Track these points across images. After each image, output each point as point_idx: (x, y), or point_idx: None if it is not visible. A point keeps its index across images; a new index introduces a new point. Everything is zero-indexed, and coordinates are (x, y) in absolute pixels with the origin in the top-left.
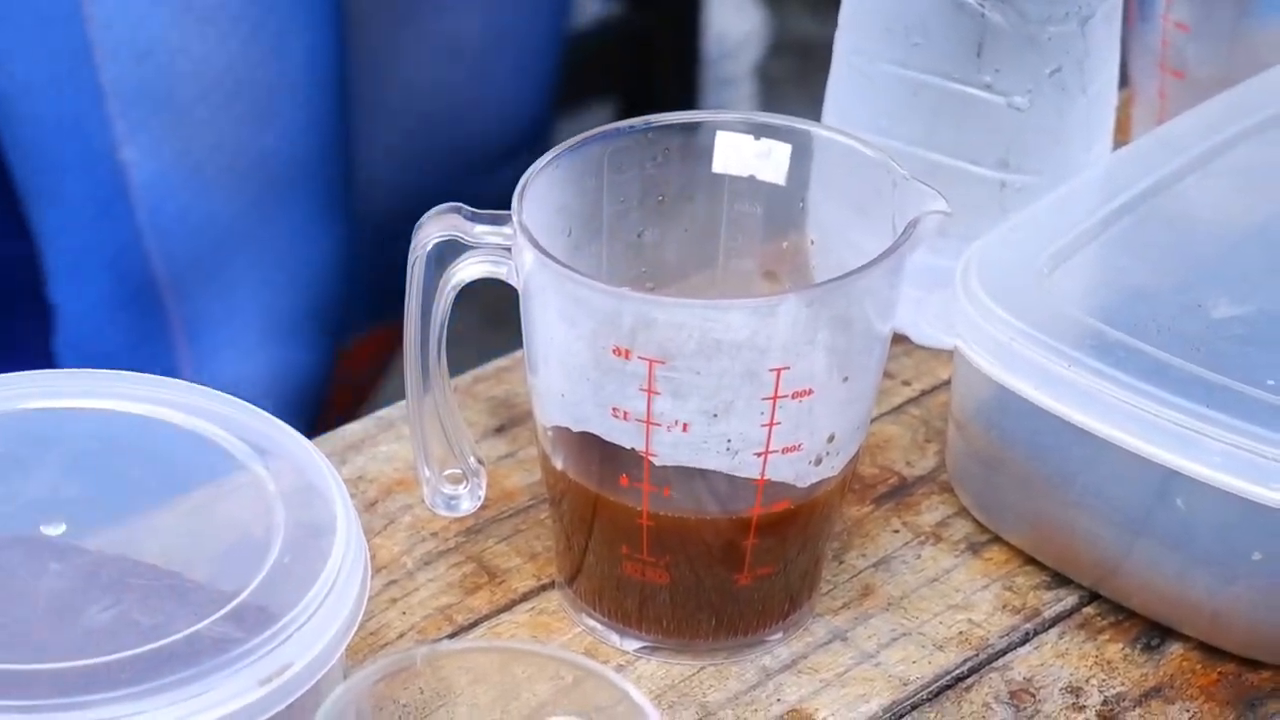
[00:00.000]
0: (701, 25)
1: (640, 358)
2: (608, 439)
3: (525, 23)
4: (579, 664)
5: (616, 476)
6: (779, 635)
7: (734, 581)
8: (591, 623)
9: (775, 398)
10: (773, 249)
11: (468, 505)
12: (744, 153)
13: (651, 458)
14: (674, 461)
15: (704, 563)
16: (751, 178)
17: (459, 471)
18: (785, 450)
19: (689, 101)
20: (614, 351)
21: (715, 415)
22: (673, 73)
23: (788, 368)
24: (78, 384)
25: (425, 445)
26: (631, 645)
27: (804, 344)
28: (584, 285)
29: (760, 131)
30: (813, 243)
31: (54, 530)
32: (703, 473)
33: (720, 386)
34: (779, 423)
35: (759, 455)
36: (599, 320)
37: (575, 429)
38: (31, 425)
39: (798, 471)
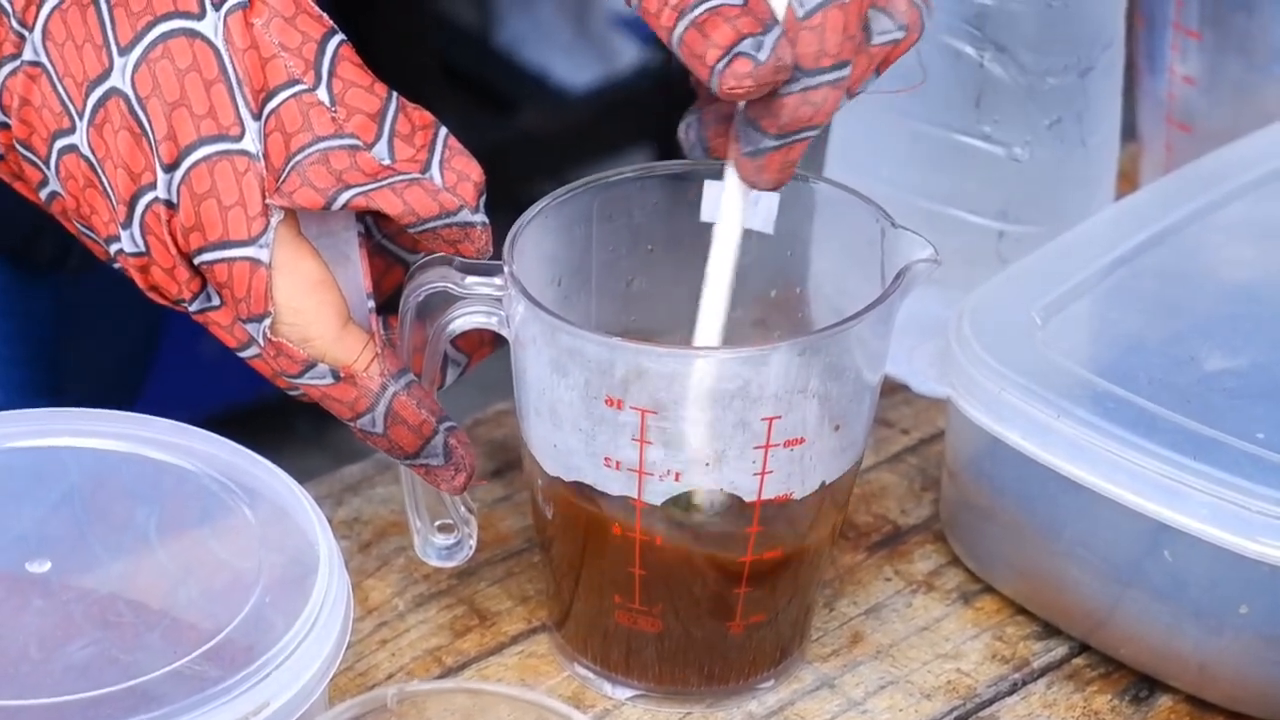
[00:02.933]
0: None
1: (632, 408)
2: (600, 489)
3: None
4: (547, 706)
5: (609, 526)
6: (770, 683)
7: (726, 630)
8: (583, 671)
9: (767, 446)
10: (762, 297)
11: (458, 556)
12: None
13: (644, 507)
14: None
15: (695, 612)
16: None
17: (450, 521)
18: (777, 499)
19: None
20: (606, 402)
21: (707, 465)
22: None
23: (780, 417)
24: (66, 423)
25: (416, 495)
26: (623, 694)
27: (796, 393)
28: (576, 335)
29: None
30: (802, 291)
31: (39, 568)
32: (695, 522)
33: (713, 436)
34: (771, 471)
35: (751, 504)
36: (591, 370)
37: (567, 478)
38: (19, 463)
39: None
